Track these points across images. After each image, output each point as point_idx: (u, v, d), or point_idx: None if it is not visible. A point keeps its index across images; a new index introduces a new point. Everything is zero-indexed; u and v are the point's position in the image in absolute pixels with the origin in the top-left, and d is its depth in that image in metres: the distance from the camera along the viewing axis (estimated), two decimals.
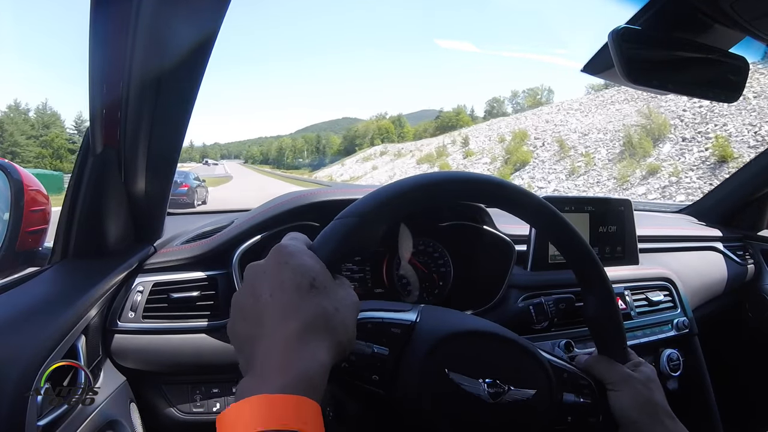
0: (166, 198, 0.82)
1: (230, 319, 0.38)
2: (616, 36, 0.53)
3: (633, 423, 0.50)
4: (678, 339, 1.03)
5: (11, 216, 0.68)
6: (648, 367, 0.54)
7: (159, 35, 0.55)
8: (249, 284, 0.38)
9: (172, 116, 0.68)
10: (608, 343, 0.54)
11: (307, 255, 0.39)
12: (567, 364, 0.53)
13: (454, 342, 0.45)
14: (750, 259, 1.39)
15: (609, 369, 0.52)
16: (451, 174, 0.47)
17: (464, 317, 0.52)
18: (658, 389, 0.52)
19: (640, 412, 0.49)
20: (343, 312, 0.37)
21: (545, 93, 57.04)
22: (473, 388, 0.44)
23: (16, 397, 0.48)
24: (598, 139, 17.13)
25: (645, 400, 0.50)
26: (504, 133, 25.55)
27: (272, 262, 0.38)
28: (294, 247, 0.39)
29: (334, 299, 0.37)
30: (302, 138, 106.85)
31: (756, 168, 1.38)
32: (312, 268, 0.37)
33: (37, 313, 0.57)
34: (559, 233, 0.51)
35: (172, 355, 0.76)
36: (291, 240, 0.41)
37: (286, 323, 0.34)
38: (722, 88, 0.60)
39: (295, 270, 0.37)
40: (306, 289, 0.36)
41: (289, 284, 0.36)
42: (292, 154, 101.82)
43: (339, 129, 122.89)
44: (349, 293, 0.40)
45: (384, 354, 0.44)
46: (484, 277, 0.93)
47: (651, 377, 0.52)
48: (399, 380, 0.43)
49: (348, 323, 0.38)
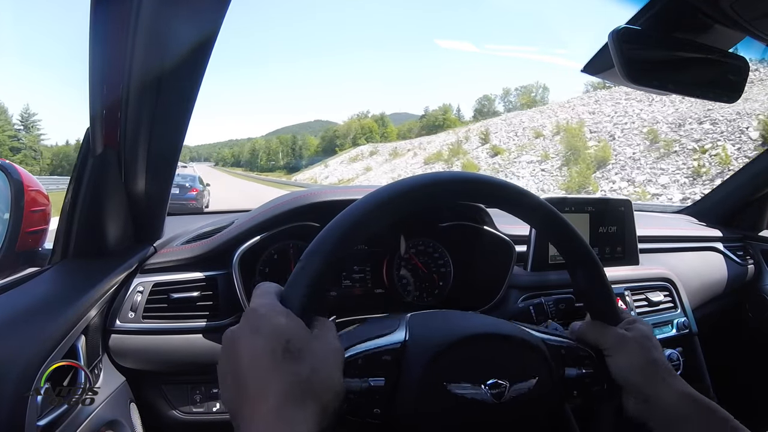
0: (166, 198, 0.82)
1: (219, 385, 0.38)
2: (616, 36, 0.53)
3: (634, 385, 0.49)
4: (678, 339, 1.03)
5: (11, 216, 0.68)
6: (642, 324, 0.53)
7: (159, 35, 0.55)
8: (226, 354, 0.37)
9: (172, 116, 0.68)
10: (599, 307, 0.53)
11: (279, 314, 0.37)
12: (562, 338, 0.52)
13: (447, 354, 0.44)
14: (750, 259, 1.39)
15: (603, 334, 0.51)
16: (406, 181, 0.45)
17: (450, 323, 0.50)
18: (654, 346, 0.51)
19: (640, 374, 0.49)
20: (324, 370, 0.36)
21: (540, 91, 56.08)
22: (476, 394, 0.43)
23: (16, 397, 0.48)
24: (705, 131, 13.07)
25: (642, 360, 0.49)
26: (536, 127, 22.04)
27: (245, 329, 0.37)
28: (265, 308, 0.38)
29: (312, 359, 0.36)
30: (277, 139, 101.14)
31: (756, 168, 1.38)
32: (285, 331, 0.36)
33: (37, 313, 0.57)
34: (540, 216, 0.50)
35: (171, 355, 0.76)
36: (261, 298, 0.39)
37: (264, 400, 0.33)
38: (722, 88, 0.60)
39: (267, 337, 0.35)
40: (280, 357, 0.35)
41: (261, 353, 0.35)
42: (266, 156, 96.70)
43: (312, 131, 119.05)
44: (329, 342, 0.38)
45: (381, 385, 0.42)
46: (484, 277, 0.93)
47: (646, 334, 0.51)
48: (400, 408, 0.42)
49: (331, 379, 0.36)
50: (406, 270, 0.95)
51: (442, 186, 0.46)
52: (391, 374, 0.43)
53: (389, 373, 0.43)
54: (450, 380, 0.43)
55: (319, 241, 0.41)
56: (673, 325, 1.03)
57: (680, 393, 0.48)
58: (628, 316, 0.55)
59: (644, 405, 0.49)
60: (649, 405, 0.48)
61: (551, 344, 0.50)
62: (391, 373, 0.43)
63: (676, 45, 0.57)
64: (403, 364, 0.43)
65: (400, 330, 0.46)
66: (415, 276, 0.96)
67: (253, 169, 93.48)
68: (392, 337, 0.45)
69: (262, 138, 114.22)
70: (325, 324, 0.40)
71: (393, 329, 0.46)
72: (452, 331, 0.46)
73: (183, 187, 11.83)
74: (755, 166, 1.38)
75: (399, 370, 0.43)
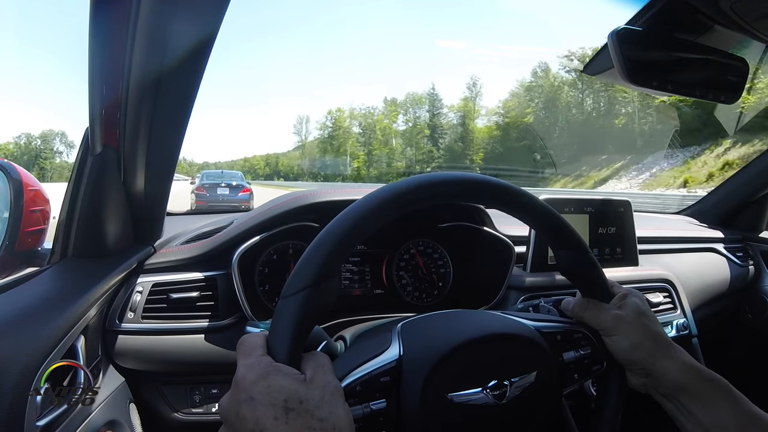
0: (165, 198, 0.82)
1: None
2: (616, 37, 0.53)
3: (636, 362, 0.50)
4: (678, 340, 1.01)
5: (11, 216, 0.68)
6: (635, 298, 0.53)
7: (158, 35, 0.55)
8: (227, 426, 0.36)
9: (172, 116, 0.68)
10: (589, 285, 0.53)
11: (268, 374, 0.36)
12: (556, 322, 0.52)
13: (445, 365, 0.43)
14: (750, 260, 1.39)
15: (598, 314, 0.51)
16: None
17: (444, 329, 0.49)
18: (650, 320, 0.51)
19: (641, 351, 0.49)
20: (330, 413, 0.35)
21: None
22: (478, 399, 0.43)
23: (16, 397, 0.48)
24: None
25: (642, 337, 0.49)
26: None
27: (240, 399, 0.36)
28: (253, 372, 0.36)
29: (315, 409, 0.35)
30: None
31: (756, 169, 1.38)
32: (279, 389, 0.35)
33: (36, 313, 0.57)
34: (539, 215, 0.49)
35: (171, 355, 0.76)
36: (246, 358, 0.38)
37: None
38: (722, 88, 0.60)
39: (263, 403, 0.35)
40: (283, 418, 0.34)
41: (264, 420, 0.34)
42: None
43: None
44: (325, 383, 0.37)
45: (383, 407, 0.42)
46: (483, 278, 0.93)
47: (640, 310, 0.51)
48: (406, 426, 0.42)
49: (339, 419, 0.36)
50: (405, 271, 0.95)
51: (439, 188, 0.44)
52: (391, 395, 0.42)
53: (389, 394, 0.42)
54: (451, 390, 0.42)
55: (295, 275, 0.39)
56: (672, 327, 1.02)
57: (682, 363, 0.49)
58: (618, 289, 0.55)
59: (647, 378, 0.50)
60: (653, 377, 0.49)
61: (546, 332, 0.50)
62: (391, 393, 0.42)
63: (675, 45, 0.57)
64: (402, 382, 0.43)
65: (393, 346, 0.45)
66: (415, 276, 0.96)
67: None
68: (386, 355, 0.44)
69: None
70: (317, 361, 0.39)
71: (386, 346, 0.45)
72: (447, 339, 0.45)
73: (232, 187, 10.46)
74: (755, 167, 1.38)
75: (398, 389, 0.43)
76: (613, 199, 1.06)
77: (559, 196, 1.04)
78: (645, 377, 0.50)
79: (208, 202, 9.77)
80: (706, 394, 0.47)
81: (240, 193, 10.33)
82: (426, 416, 0.41)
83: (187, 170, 61.88)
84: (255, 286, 0.84)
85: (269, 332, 0.39)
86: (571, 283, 0.54)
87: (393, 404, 0.42)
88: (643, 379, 0.51)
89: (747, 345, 1.36)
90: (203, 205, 9.41)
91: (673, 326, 1.03)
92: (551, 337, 0.49)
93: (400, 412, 0.42)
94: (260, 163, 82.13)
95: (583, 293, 0.54)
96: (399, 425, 0.42)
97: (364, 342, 0.50)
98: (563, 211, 0.98)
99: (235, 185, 10.57)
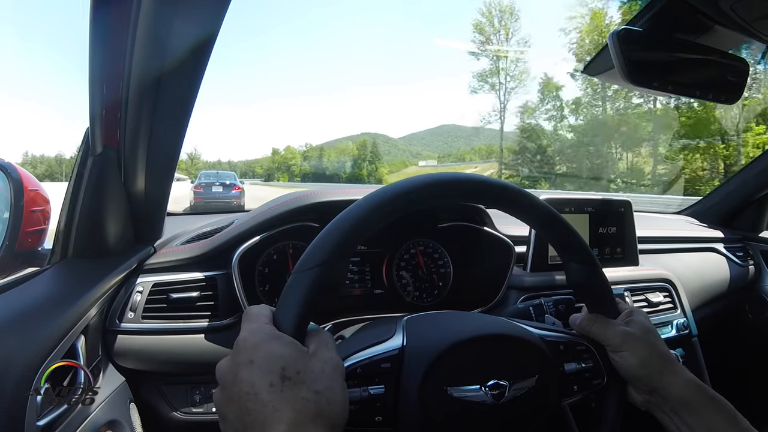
0: (166, 198, 0.82)
1: (220, 421, 0.37)
2: (617, 37, 0.53)
3: (641, 379, 0.50)
4: (678, 340, 1.03)
5: (11, 216, 0.68)
6: (640, 316, 0.53)
7: (158, 35, 0.55)
8: (224, 389, 0.36)
9: (172, 116, 0.68)
10: (597, 300, 0.53)
11: (270, 339, 0.36)
12: (560, 333, 0.52)
13: (446, 358, 0.43)
14: (750, 260, 1.39)
15: (605, 330, 0.51)
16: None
17: (448, 325, 0.50)
18: (656, 338, 0.52)
19: (646, 368, 0.49)
20: (327, 388, 0.35)
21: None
22: (476, 397, 0.43)
23: (16, 397, 0.48)
24: None
25: (648, 355, 0.50)
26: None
27: (239, 360, 0.36)
28: (255, 336, 0.37)
29: (312, 381, 0.35)
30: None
31: (756, 169, 1.38)
32: (279, 356, 0.35)
33: (36, 313, 0.57)
34: (539, 215, 0.49)
35: (171, 355, 0.76)
36: (250, 323, 0.38)
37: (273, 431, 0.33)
38: (722, 89, 0.60)
39: (262, 367, 0.35)
40: (279, 386, 0.34)
41: (260, 385, 0.34)
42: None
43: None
44: (327, 358, 0.37)
45: (381, 393, 0.42)
46: (483, 278, 0.93)
47: (647, 327, 0.52)
48: (402, 414, 0.42)
49: (335, 395, 0.36)
50: (405, 270, 0.95)
51: (437, 189, 0.44)
52: (390, 381, 0.43)
53: (389, 381, 0.43)
54: (450, 384, 0.43)
55: (309, 253, 0.40)
56: (672, 326, 1.02)
57: (686, 381, 0.49)
58: (624, 306, 0.56)
59: (651, 395, 0.50)
60: (657, 394, 0.49)
61: (550, 340, 0.50)
62: (390, 380, 0.43)
63: (676, 46, 0.57)
64: (403, 370, 0.43)
65: (397, 335, 0.46)
66: (415, 276, 0.96)
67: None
68: (390, 343, 0.45)
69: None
70: (321, 337, 0.39)
71: (390, 335, 0.46)
72: (450, 334, 0.46)
73: (225, 185, 12.07)
74: (755, 166, 1.38)
75: (398, 376, 0.43)
76: (614, 199, 1.06)
77: (560, 196, 1.04)
78: (648, 394, 0.50)
79: (204, 198, 11.52)
80: (707, 411, 0.47)
81: (232, 191, 11.96)
82: (422, 406, 0.42)
83: (187, 168, 61.26)
84: (255, 286, 0.85)
85: (278, 305, 0.40)
86: (579, 298, 0.55)
87: (391, 391, 0.42)
88: (646, 395, 0.51)
89: (747, 345, 1.36)
90: (200, 202, 11.28)
91: (673, 326, 1.02)
92: (554, 345, 0.50)
93: (398, 400, 0.42)
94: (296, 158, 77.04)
95: (590, 309, 0.54)
96: (395, 412, 0.42)
97: (368, 330, 0.50)
98: (563, 211, 0.98)
99: (228, 184, 12.20)
